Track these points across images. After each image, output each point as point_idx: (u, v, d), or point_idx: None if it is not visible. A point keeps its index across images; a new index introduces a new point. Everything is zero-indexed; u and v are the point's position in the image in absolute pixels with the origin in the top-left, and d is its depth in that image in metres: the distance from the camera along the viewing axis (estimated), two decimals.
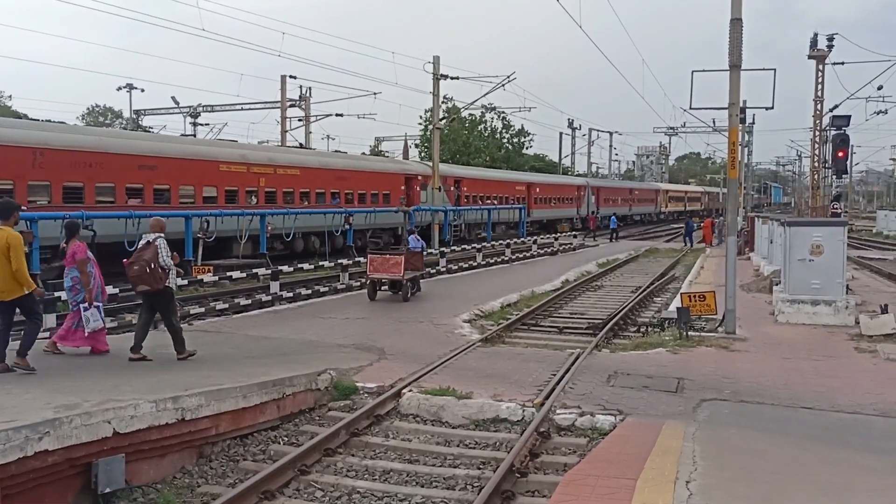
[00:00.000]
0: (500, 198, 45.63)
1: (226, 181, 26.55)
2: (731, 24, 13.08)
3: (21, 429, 5.94)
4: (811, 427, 7.89)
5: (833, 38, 36.27)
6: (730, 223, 14.01)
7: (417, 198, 36.71)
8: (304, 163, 31.02)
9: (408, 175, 37.38)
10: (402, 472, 7.23)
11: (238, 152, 28.19)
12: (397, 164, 38.41)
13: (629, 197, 71.41)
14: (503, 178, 49.60)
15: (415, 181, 37.23)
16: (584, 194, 60.10)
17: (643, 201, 75.23)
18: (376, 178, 34.74)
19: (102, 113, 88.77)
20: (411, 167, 39.09)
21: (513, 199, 46.76)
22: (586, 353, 11.55)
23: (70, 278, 9.65)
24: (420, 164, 41.24)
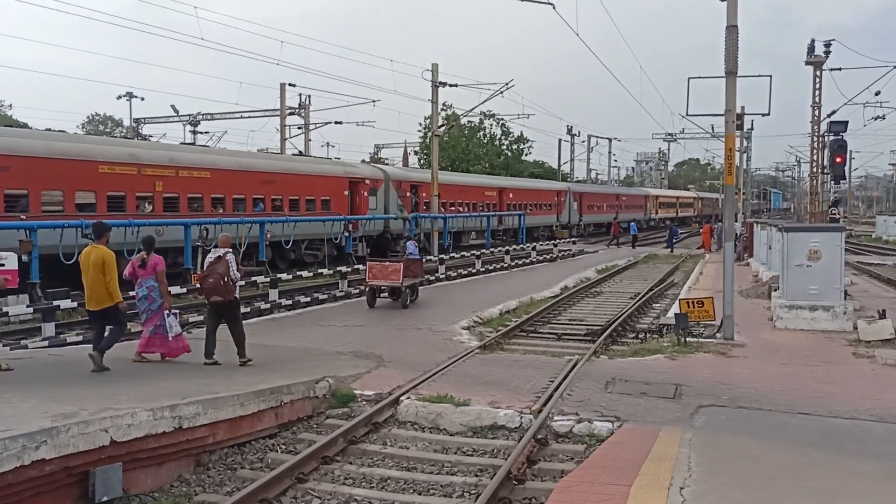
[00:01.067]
0: (468, 204, 41.71)
1: (108, 185, 22.01)
2: (727, 31, 13.13)
3: (18, 438, 5.95)
4: (808, 433, 7.90)
5: (830, 44, 36.39)
6: (727, 229, 14.04)
7: (365, 205, 32.63)
8: (218, 163, 26.34)
9: (353, 178, 32.54)
10: (399, 480, 7.24)
11: (126, 150, 23.64)
12: (339, 166, 33.17)
13: (616, 203, 67.26)
14: (470, 182, 45.30)
15: (361, 186, 32.79)
16: (565, 200, 56.07)
17: (631, 207, 70.63)
18: (312, 182, 30.09)
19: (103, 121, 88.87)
20: (358, 170, 34.09)
21: (482, 206, 43.02)
22: (584, 360, 11.57)
23: (146, 287, 10.18)
24: (369, 167, 36.90)
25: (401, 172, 38.39)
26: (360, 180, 32.92)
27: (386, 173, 35.18)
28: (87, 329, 15.08)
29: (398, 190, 35.21)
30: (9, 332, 14.88)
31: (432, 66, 32.68)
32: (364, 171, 34.20)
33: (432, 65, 32.67)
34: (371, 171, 34.79)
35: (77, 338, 13.77)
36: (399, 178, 36.29)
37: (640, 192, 78.24)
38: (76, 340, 13.44)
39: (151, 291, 10.20)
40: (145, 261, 10.17)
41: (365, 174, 33.82)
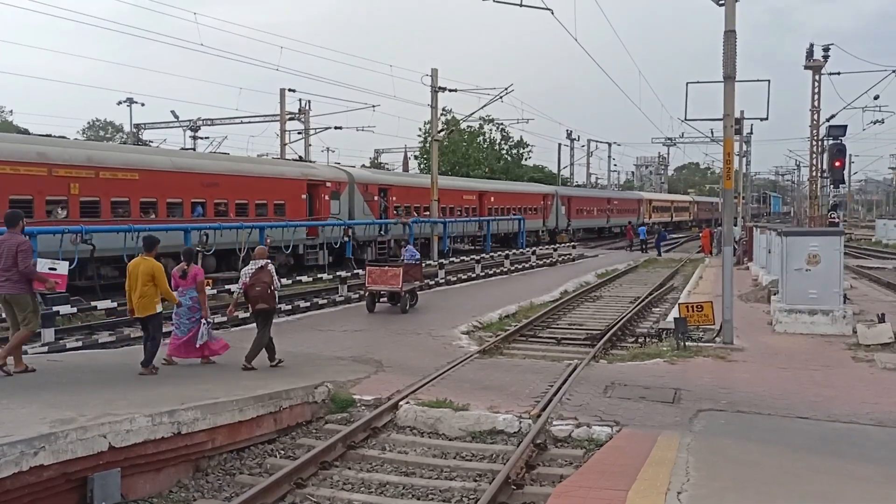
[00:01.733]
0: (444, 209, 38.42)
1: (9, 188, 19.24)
2: (725, 35, 13.16)
3: (16, 443, 5.96)
4: (807, 437, 7.90)
5: (829, 48, 36.37)
6: (726, 233, 14.05)
7: (326, 209, 30.06)
8: (148, 163, 23.39)
9: (312, 181, 29.74)
10: (398, 485, 7.24)
11: (33, 149, 20.54)
12: (296, 168, 30.37)
13: (607, 207, 64.45)
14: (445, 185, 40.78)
15: (322, 189, 30.10)
16: (552, 204, 53.00)
17: (623, 212, 68.04)
18: (264, 185, 27.36)
19: (103, 127, 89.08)
20: (318, 171, 31.17)
21: (459, 211, 40.35)
22: (584, 364, 11.57)
23: (189, 297, 10.63)
24: (331, 168, 33.68)
25: (367, 174, 35.62)
26: (321, 183, 30.23)
27: (350, 175, 32.70)
28: (87, 335, 15.11)
29: (364, 193, 32.75)
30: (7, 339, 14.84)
31: (432, 71, 32.72)
32: (325, 173, 31.52)
33: (432, 70, 32.71)
34: (333, 173, 32.12)
35: (76, 343, 13.78)
36: (365, 180, 33.71)
37: (633, 196, 75.30)
38: (75, 346, 13.44)
39: (195, 301, 10.62)
40: (186, 271, 10.61)
41: (326, 176, 31.14)
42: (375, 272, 17.57)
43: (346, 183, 31.72)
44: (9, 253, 9.07)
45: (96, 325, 16.46)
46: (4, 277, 9.09)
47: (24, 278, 9.17)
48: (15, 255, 9.04)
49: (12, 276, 9.09)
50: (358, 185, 32.47)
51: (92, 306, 15.44)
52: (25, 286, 9.23)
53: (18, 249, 9.05)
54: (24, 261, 9.09)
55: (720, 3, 13.22)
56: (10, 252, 9.06)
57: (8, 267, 9.07)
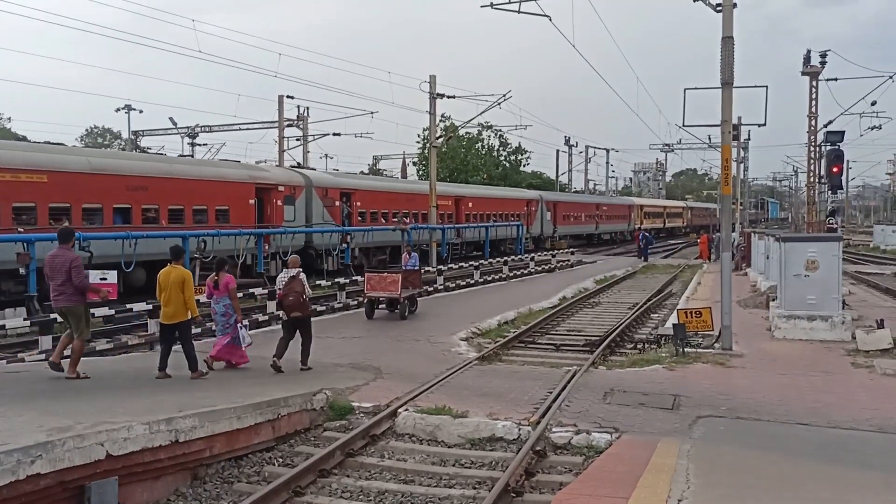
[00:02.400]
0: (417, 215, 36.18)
1: None
2: (723, 42, 13.20)
3: (13, 452, 5.92)
4: (806, 443, 7.88)
5: (826, 54, 36.54)
6: (724, 239, 14.05)
7: (279, 215, 27.61)
8: (60, 165, 20.60)
9: (261, 185, 27.13)
10: (397, 493, 7.21)
11: None
12: (243, 170, 27.74)
13: (595, 213, 61.70)
14: (414, 190, 38.58)
15: (273, 193, 27.64)
16: (537, 210, 50.15)
17: (613, 218, 65.83)
18: (203, 189, 24.57)
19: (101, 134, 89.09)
20: (268, 174, 28.58)
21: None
22: (583, 371, 11.54)
23: (223, 305, 11.20)
24: (285, 171, 31.26)
25: (328, 178, 32.67)
26: (272, 187, 27.69)
27: (308, 179, 30.12)
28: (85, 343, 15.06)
29: (324, 198, 30.20)
30: (6, 346, 14.83)
31: (430, 78, 32.75)
32: (277, 176, 28.99)
33: (430, 76, 32.74)
34: (287, 176, 29.56)
35: None
36: (325, 184, 31.10)
37: (624, 202, 73.06)
38: None
39: (228, 308, 11.17)
40: (217, 281, 11.20)
41: (279, 179, 28.61)
42: (374, 279, 17.56)
43: (303, 187, 29.29)
44: (62, 268, 9.56)
45: (94, 333, 16.41)
46: (59, 291, 9.62)
47: (78, 291, 9.68)
48: (69, 270, 9.53)
49: (66, 290, 9.60)
50: (316, 189, 30.03)
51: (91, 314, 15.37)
52: (79, 298, 9.76)
53: (72, 266, 9.57)
54: (78, 276, 9.60)
55: (718, 9, 13.25)
56: (64, 267, 9.55)
57: (63, 282, 9.57)
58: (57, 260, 9.64)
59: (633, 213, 70.39)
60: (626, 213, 69.17)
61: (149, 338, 14.97)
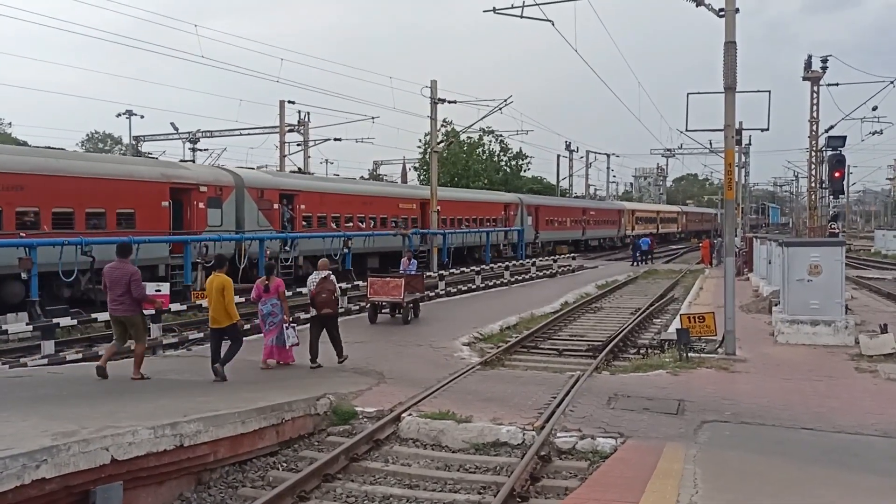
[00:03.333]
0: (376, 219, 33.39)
1: None
2: (726, 47, 13.21)
3: (18, 457, 5.90)
4: (812, 448, 7.86)
5: (827, 59, 36.52)
6: (727, 244, 14.04)
7: (202, 219, 24.31)
8: None
9: (178, 184, 23.61)
10: (402, 498, 7.19)
11: None
12: (154, 168, 24.08)
13: (582, 218, 58.01)
14: (372, 192, 35.06)
15: (194, 194, 24.17)
16: (517, 214, 46.84)
17: (602, 223, 62.23)
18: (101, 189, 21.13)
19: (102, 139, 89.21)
20: (187, 173, 24.90)
21: (395, 222, 34.58)
22: (586, 376, 11.52)
23: (270, 305, 12.03)
24: (210, 169, 27.56)
25: (265, 178, 29.18)
26: (191, 187, 24.16)
27: (239, 178, 26.64)
28: (87, 347, 15.07)
29: (259, 200, 26.86)
30: (8, 350, 14.82)
31: (431, 83, 32.82)
32: (199, 175, 25.26)
33: (431, 81, 32.81)
34: (212, 176, 25.80)
35: (76, 355, 13.72)
36: (260, 184, 27.68)
37: (614, 207, 69.33)
38: (76, 358, 13.40)
39: (275, 308, 12.03)
40: (268, 285, 12.08)
41: (200, 179, 24.90)
42: (378, 283, 17.57)
43: (232, 187, 25.86)
44: (122, 280, 10.18)
45: (96, 337, 16.42)
46: (119, 301, 10.26)
47: (136, 302, 10.36)
48: (128, 282, 10.16)
49: (125, 300, 10.25)
50: (249, 189, 26.62)
51: (92, 318, 15.39)
52: (137, 308, 10.47)
53: (132, 279, 10.23)
54: (137, 289, 10.29)
55: (720, 14, 13.28)
56: (124, 279, 10.18)
57: (122, 293, 10.20)
58: (116, 272, 10.23)
59: (623, 218, 67.35)
60: (616, 217, 66.07)
61: (152, 343, 14.95)
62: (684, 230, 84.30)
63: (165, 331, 16.04)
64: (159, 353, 14.64)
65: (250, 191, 26.72)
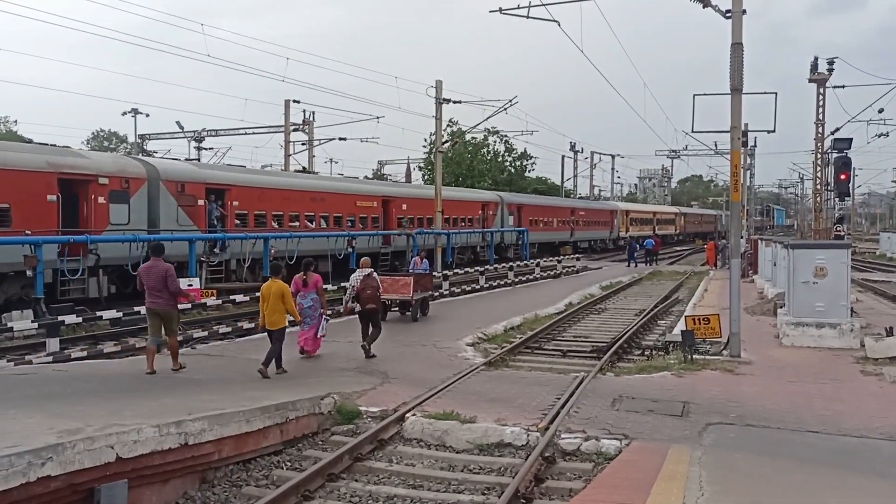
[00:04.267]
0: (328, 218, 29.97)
1: None
2: (732, 48, 13.18)
3: (24, 454, 5.91)
4: (817, 451, 7.84)
5: (833, 61, 36.52)
6: (733, 246, 14.01)
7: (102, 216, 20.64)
8: None
9: (69, 175, 19.90)
10: (406, 498, 7.18)
11: None
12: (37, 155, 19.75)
13: (570, 218, 54.01)
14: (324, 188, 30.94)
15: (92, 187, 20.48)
16: (496, 214, 43.57)
17: (593, 224, 58.69)
18: None
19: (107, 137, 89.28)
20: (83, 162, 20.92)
21: (351, 221, 31.15)
22: (591, 377, 11.50)
23: (310, 299, 12.75)
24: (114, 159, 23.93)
25: (186, 170, 25.19)
26: (89, 178, 20.44)
27: (153, 169, 22.88)
28: (91, 345, 15.09)
29: (179, 195, 23.19)
30: (13, 348, 14.85)
31: (436, 83, 32.75)
32: (99, 165, 21.28)
33: (436, 81, 32.72)
34: (116, 166, 21.90)
35: (81, 353, 13.74)
36: (181, 177, 23.81)
37: (606, 206, 65.58)
38: (81, 356, 13.41)
39: (314, 302, 12.79)
40: (306, 280, 12.73)
41: (101, 169, 21.00)
42: (387, 281, 17.69)
43: (143, 180, 22.11)
44: (158, 276, 10.87)
45: (101, 335, 16.45)
46: (157, 296, 10.94)
47: (171, 296, 11.05)
48: (164, 278, 10.87)
49: (162, 295, 10.93)
50: (166, 183, 22.89)
51: (97, 316, 15.43)
52: (173, 303, 11.18)
53: (167, 274, 10.93)
54: (173, 284, 11.02)
55: (727, 15, 13.24)
56: (160, 276, 10.88)
57: (159, 288, 10.89)
58: (152, 270, 10.96)
59: (615, 219, 63.85)
60: (609, 218, 62.57)
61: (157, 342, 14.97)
62: (683, 232, 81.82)
63: None
64: (163, 351, 14.65)
65: (167, 184, 22.96)
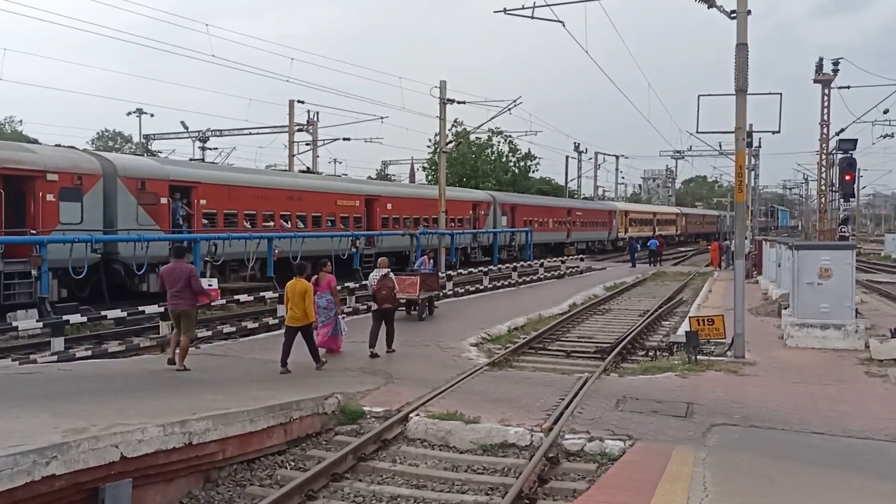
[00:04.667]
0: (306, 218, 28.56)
1: None
2: (737, 48, 13.16)
3: (28, 453, 5.92)
4: (822, 452, 7.82)
5: (838, 62, 36.39)
6: (738, 247, 13.98)
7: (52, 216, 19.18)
8: None
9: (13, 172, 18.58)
10: (409, 498, 7.18)
11: None
12: None
13: (567, 219, 52.34)
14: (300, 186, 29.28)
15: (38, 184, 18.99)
16: (488, 214, 41.82)
17: (590, 225, 56.86)
18: None
19: (112, 137, 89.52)
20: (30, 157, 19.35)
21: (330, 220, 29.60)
22: (594, 378, 11.49)
23: (325, 300, 13.09)
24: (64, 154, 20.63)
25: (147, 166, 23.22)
26: (34, 174, 18.93)
27: (110, 165, 21.27)
28: (96, 344, 15.13)
29: (139, 193, 21.42)
30: (18, 347, 14.89)
31: (440, 83, 32.79)
32: (49, 160, 19.54)
33: (440, 82, 32.77)
34: (67, 162, 20.02)
35: (86, 352, 13.76)
36: (142, 173, 21.96)
37: (604, 207, 63.63)
38: (85, 355, 13.42)
39: (329, 303, 13.15)
40: (318, 280, 13.05)
41: (49, 164, 19.35)
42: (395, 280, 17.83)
43: (98, 176, 20.44)
44: (181, 277, 11.14)
45: (105, 335, 16.48)
46: (178, 297, 11.18)
47: (192, 297, 11.29)
48: (188, 279, 11.16)
49: (184, 296, 11.18)
50: (124, 179, 21.19)
51: (101, 315, 15.45)
52: (194, 303, 11.45)
53: (191, 275, 11.28)
54: (197, 283, 11.37)
55: (732, 16, 13.22)
56: (183, 277, 11.15)
57: (181, 289, 11.13)
58: (175, 271, 11.22)
59: (614, 219, 61.91)
60: (607, 219, 60.72)
61: (160, 340, 14.99)
62: (684, 233, 79.84)
63: None
64: (168, 350, 14.67)
65: (126, 181, 21.24)
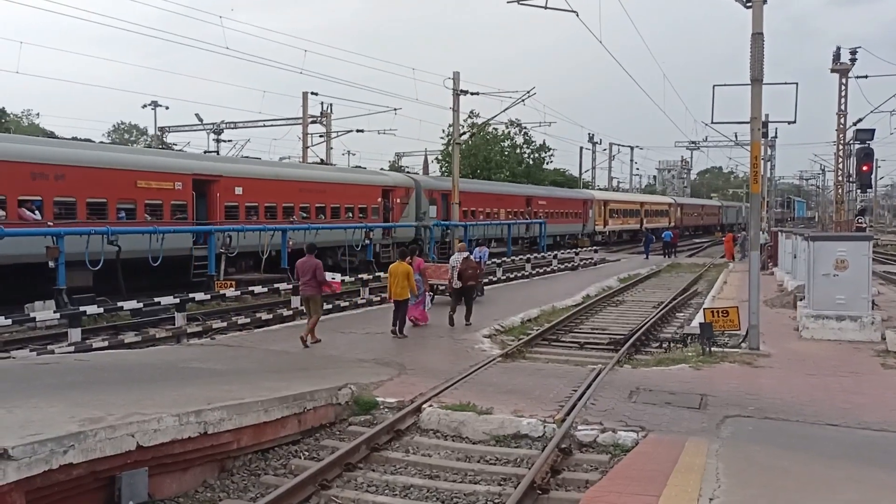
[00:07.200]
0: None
1: None
2: (753, 38, 13.04)
3: (46, 442, 6.00)
4: (837, 444, 7.77)
5: (856, 51, 35.98)
6: (752, 238, 13.88)
7: None
8: None
9: None
10: (422, 488, 7.22)
11: None
12: None
13: (526, 209, 44.84)
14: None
15: None
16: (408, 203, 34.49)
17: (558, 216, 48.48)
18: None
19: (128, 130, 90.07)
20: None
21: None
22: (608, 369, 11.47)
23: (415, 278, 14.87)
24: None
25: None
26: None
27: None
28: (113, 335, 15.26)
29: None
30: (36, 338, 15.06)
31: (454, 75, 32.72)
32: None
33: (454, 73, 32.71)
34: None
35: (103, 343, 13.92)
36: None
37: (577, 196, 54.17)
38: (102, 346, 13.58)
39: (419, 282, 15.03)
40: (410, 262, 14.95)
41: None
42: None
43: None
44: (309, 269, 13.52)
45: (122, 326, 16.64)
46: (307, 284, 13.60)
47: (318, 285, 13.61)
48: (314, 270, 13.50)
49: (311, 283, 13.55)
50: None
51: (118, 307, 15.60)
52: (319, 290, 13.74)
53: (317, 268, 13.59)
54: (321, 274, 13.67)
55: (748, 5, 13.09)
56: (311, 268, 13.52)
57: (309, 278, 13.52)
58: (306, 264, 13.57)
59: (591, 209, 53.51)
60: (580, 209, 52.19)
61: (176, 331, 15.13)
62: (679, 225, 71.25)
63: (190, 320, 16.22)
64: (183, 341, 14.81)
65: None
